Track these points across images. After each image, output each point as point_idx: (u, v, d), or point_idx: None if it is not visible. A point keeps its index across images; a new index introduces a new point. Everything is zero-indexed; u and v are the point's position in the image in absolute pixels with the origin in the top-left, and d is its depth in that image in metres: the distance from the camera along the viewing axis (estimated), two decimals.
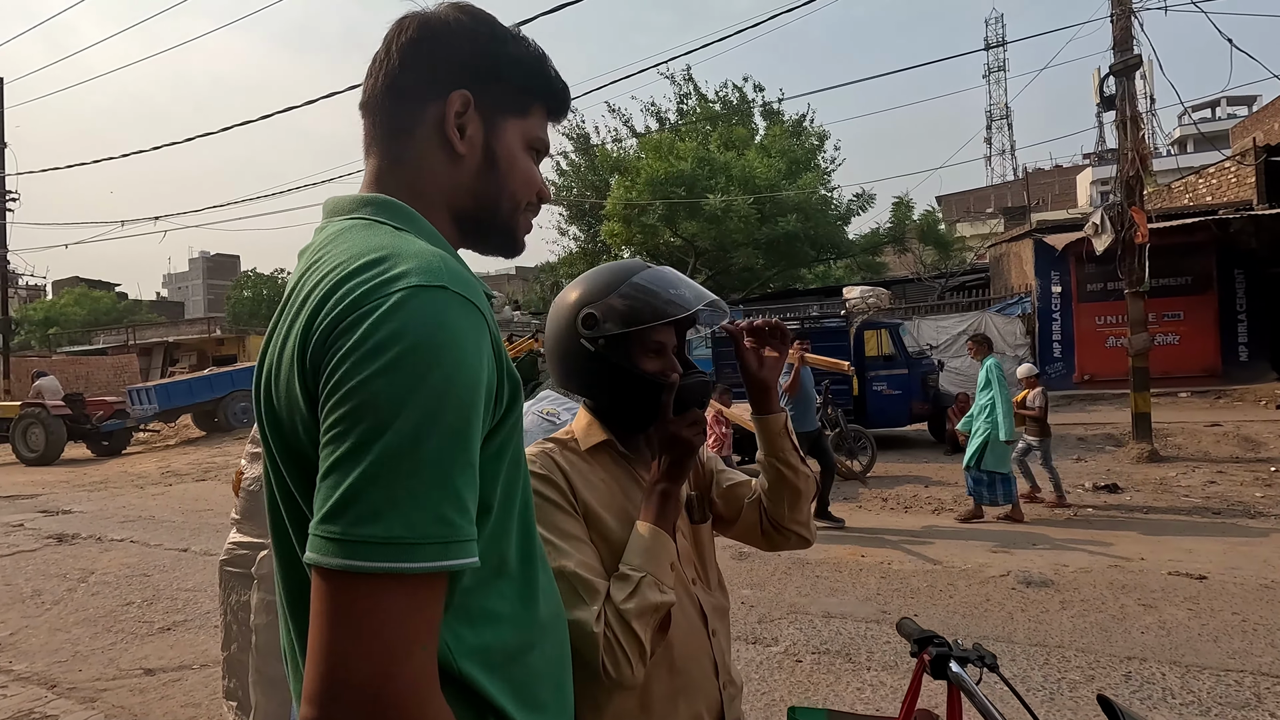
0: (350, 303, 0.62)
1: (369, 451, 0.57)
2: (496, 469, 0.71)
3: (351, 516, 0.57)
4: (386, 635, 0.57)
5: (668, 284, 1.19)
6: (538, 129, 0.85)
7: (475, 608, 0.70)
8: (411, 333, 0.60)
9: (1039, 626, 3.99)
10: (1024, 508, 6.49)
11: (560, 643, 0.82)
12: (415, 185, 0.78)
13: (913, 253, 20.94)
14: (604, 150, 19.66)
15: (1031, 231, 13.76)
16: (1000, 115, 67.25)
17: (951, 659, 1.19)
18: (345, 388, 0.59)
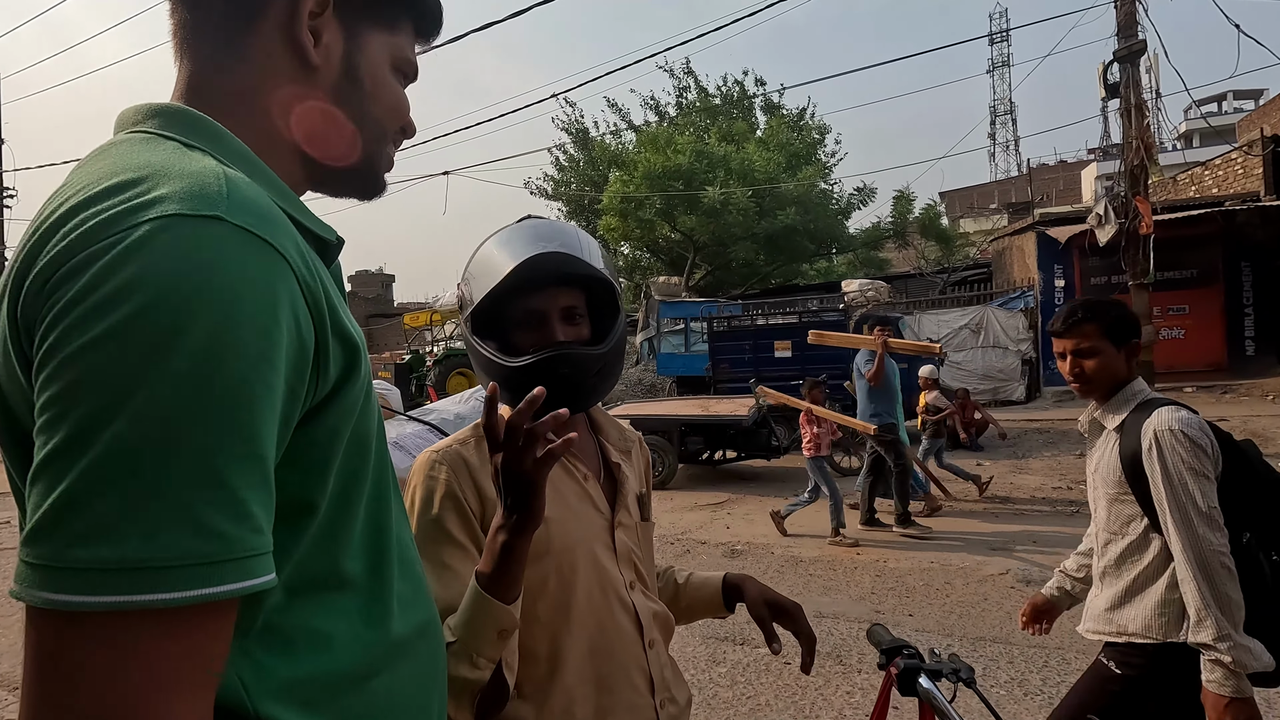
0: (79, 237, 0.46)
1: (92, 444, 0.42)
2: (327, 456, 0.56)
3: (66, 534, 0.41)
4: (120, 694, 0.42)
5: (525, 239, 1.02)
6: (406, 48, 0.71)
7: (293, 629, 0.55)
8: (154, 280, 0.44)
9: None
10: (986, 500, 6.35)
11: (427, 663, 0.67)
12: (247, 102, 0.61)
13: (914, 248, 20.75)
14: (602, 144, 19.52)
15: (1034, 225, 13.57)
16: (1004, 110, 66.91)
17: (922, 672, 1.04)
18: (60, 357, 0.43)
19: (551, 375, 0.99)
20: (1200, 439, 1.63)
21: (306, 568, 0.56)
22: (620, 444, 1.20)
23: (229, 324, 0.46)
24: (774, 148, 17.24)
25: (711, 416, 8.40)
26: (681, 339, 14.19)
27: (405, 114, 0.71)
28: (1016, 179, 48.52)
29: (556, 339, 1.01)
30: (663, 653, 1.12)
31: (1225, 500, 1.63)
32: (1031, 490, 7.10)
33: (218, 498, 0.44)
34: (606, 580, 1.04)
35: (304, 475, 0.54)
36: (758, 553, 5.51)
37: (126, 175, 0.49)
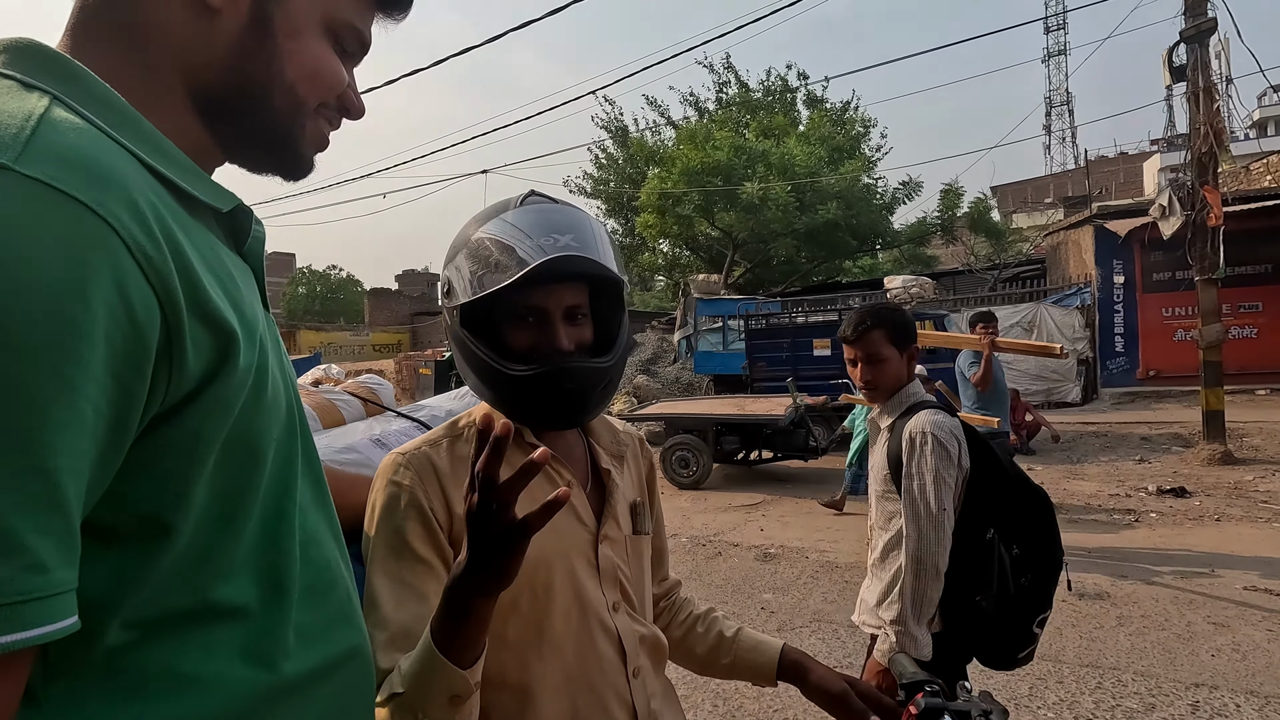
0: None
1: None
2: (187, 466, 0.47)
3: None
4: None
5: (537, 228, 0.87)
6: (348, 11, 0.60)
7: (146, 672, 0.46)
8: None
9: (1091, 645, 3.59)
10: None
11: (331, 705, 0.57)
12: (134, 40, 0.53)
13: (964, 243, 20.05)
14: (640, 141, 19.41)
15: (1091, 218, 12.93)
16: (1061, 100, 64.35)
17: (946, 713, 0.90)
18: None
19: (553, 390, 0.89)
20: (949, 442, 1.75)
21: (166, 599, 0.47)
22: (612, 448, 1.08)
23: (12, 308, 0.37)
24: (815, 141, 16.87)
25: (747, 416, 8.21)
26: (719, 337, 14.00)
27: (332, 85, 0.60)
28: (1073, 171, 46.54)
29: (560, 344, 0.89)
30: (651, 682, 1.00)
31: (974, 498, 1.78)
32: (1086, 497, 6.73)
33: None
34: (586, 601, 0.93)
35: (156, 488, 0.45)
36: (791, 557, 5.34)
37: None
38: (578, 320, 0.93)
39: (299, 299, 44.31)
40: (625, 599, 0.99)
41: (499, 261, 0.86)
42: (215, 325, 0.47)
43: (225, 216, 0.56)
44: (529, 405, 0.91)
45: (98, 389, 0.40)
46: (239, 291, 0.52)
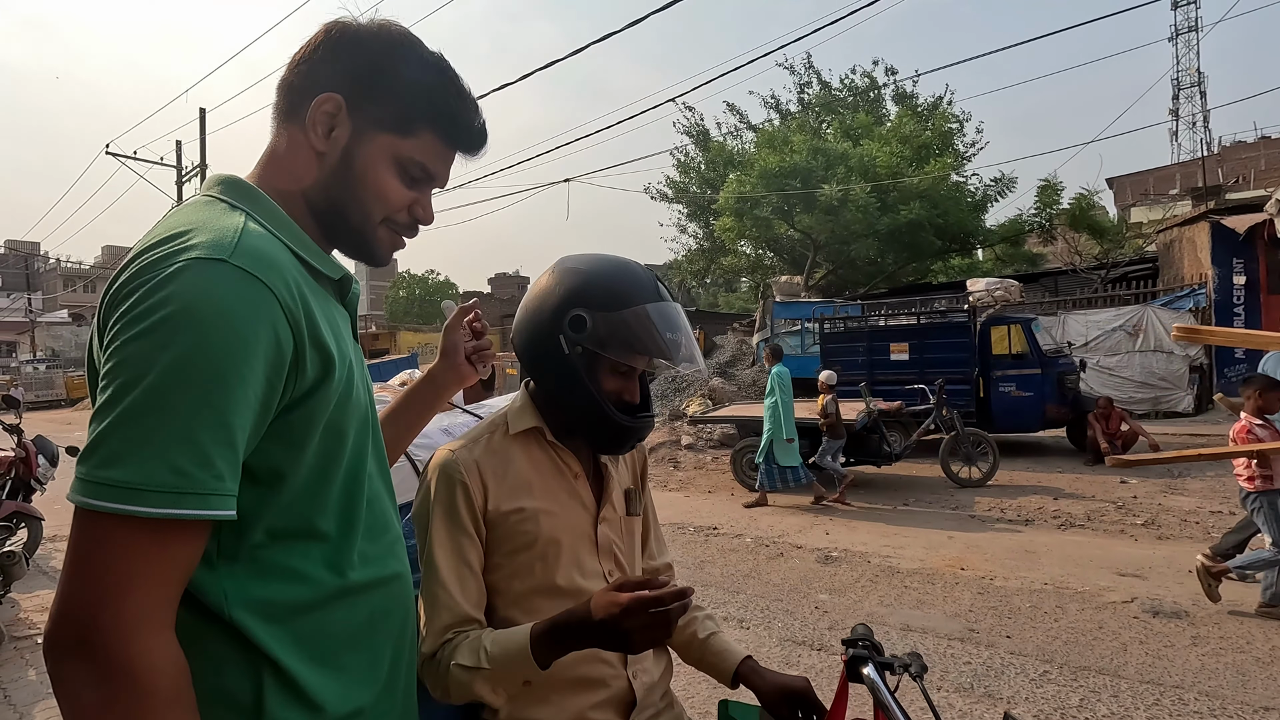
0: (136, 272, 0.69)
1: (119, 404, 0.63)
2: (302, 437, 0.75)
3: (95, 460, 0.63)
4: (107, 572, 0.63)
5: (669, 324, 1.15)
6: (419, 153, 0.86)
7: (270, 563, 0.75)
8: (175, 300, 0.66)
9: (1157, 662, 3.48)
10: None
11: (376, 608, 0.85)
12: (282, 170, 0.84)
13: (1066, 241, 18.80)
14: (718, 145, 19.43)
15: (1207, 214, 11.92)
16: (1191, 82, 58.68)
17: (869, 662, 1.08)
18: (114, 346, 0.66)
19: (634, 435, 1.19)
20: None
21: (285, 520, 0.76)
22: None
23: (217, 331, 0.67)
24: (896, 141, 16.36)
25: (817, 419, 8.19)
26: (798, 339, 13.89)
27: (398, 204, 0.87)
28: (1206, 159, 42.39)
29: (637, 399, 1.18)
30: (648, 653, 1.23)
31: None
32: (1184, 514, 6.33)
33: (190, 450, 0.64)
34: (585, 569, 1.17)
35: (281, 450, 0.74)
36: (853, 560, 5.37)
37: (176, 230, 0.73)
38: (640, 379, 1.21)
39: (400, 302, 46.93)
40: (619, 568, 1.23)
41: (641, 341, 1.13)
42: (323, 351, 0.76)
43: (337, 281, 0.87)
44: (606, 437, 1.19)
45: (257, 385, 0.69)
46: (339, 330, 0.82)
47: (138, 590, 0.64)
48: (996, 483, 7.80)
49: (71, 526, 0.65)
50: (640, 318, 1.12)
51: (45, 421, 18.04)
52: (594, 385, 1.14)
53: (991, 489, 7.63)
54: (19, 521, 5.45)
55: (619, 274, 1.16)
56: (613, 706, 1.15)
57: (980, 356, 9.33)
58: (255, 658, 0.73)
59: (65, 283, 53.22)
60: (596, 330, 1.12)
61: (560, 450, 1.21)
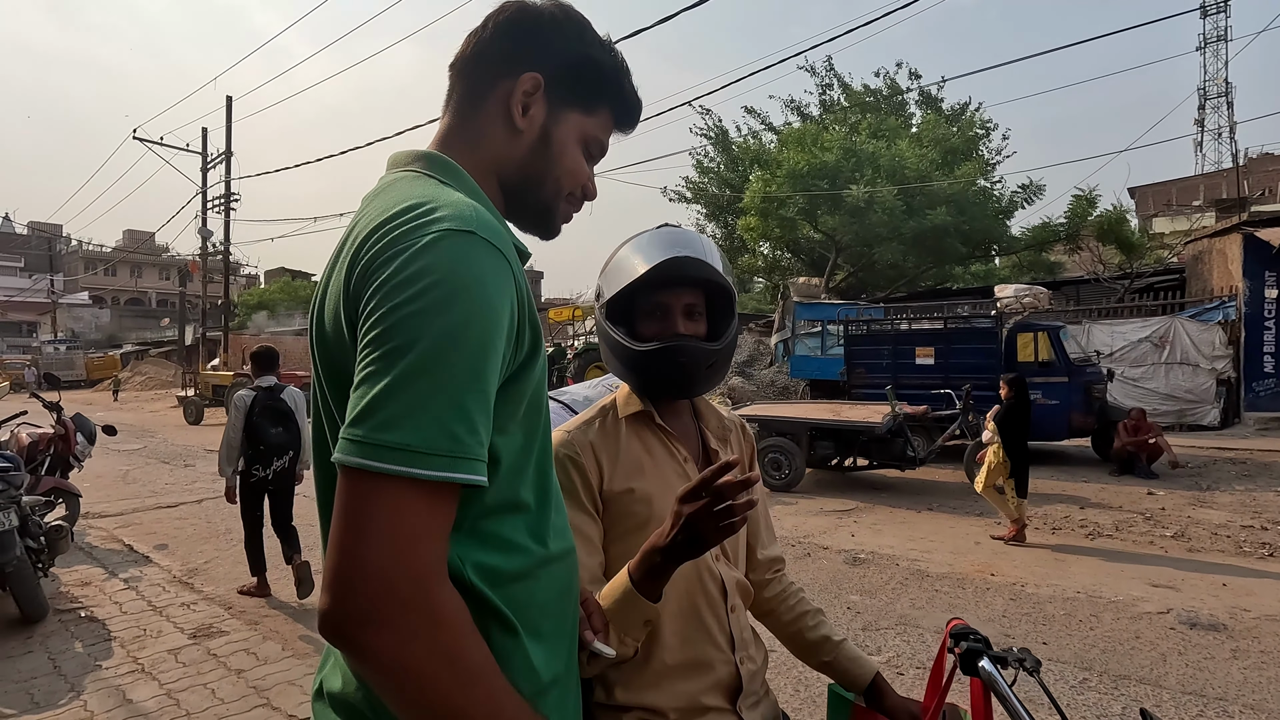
0: (390, 240, 0.69)
1: (393, 369, 0.64)
2: (515, 410, 0.77)
3: (373, 423, 0.63)
4: (398, 530, 0.63)
5: (658, 245, 1.18)
6: (599, 130, 0.91)
7: (488, 533, 0.77)
8: (440, 269, 0.66)
9: (1198, 674, 3.47)
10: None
11: (565, 580, 0.86)
12: (473, 147, 0.86)
13: (1091, 251, 18.64)
14: (744, 144, 19.39)
15: (1240, 225, 11.78)
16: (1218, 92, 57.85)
17: (985, 655, 1.09)
18: (379, 313, 0.66)
19: (670, 362, 1.17)
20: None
21: (499, 491, 0.78)
22: (719, 431, 1.33)
23: (480, 301, 0.68)
24: (927, 143, 16.27)
25: (843, 422, 8.18)
26: (818, 341, 13.85)
27: (583, 179, 0.91)
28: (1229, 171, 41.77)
29: (678, 331, 1.18)
30: (743, 616, 1.25)
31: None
32: (1214, 526, 6.27)
33: (461, 417, 0.65)
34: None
35: (504, 422, 0.76)
36: (881, 563, 5.36)
37: (413, 201, 0.73)
38: (694, 317, 1.22)
39: None
40: (724, 551, 1.25)
41: (633, 267, 1.17)
42: (533, 327, 0.77)
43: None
44: (650, 376, 1.20)
45: (499, 356, 0.70)
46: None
47: (424, 547, 0.64)
48: None
49: (341, 492, 0.64)
50: (621, 254, 1.19)
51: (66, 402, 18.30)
52: (620, 333, 1.19)
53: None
54: (58, 497, 5.56)
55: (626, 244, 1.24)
56: (721, 691, 1.16)
57: (1006, 363, 9.27)
58: (484, 623, 0.74)
59: (86, 265, 53.86)
60: (606, 284, 1.20)
61: (669, 434, 1.23)
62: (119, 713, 3.13)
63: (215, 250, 23.89)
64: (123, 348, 40.56)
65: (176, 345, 31.01)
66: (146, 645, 3.86)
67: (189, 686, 3.36)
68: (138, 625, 4.16)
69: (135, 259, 54.45)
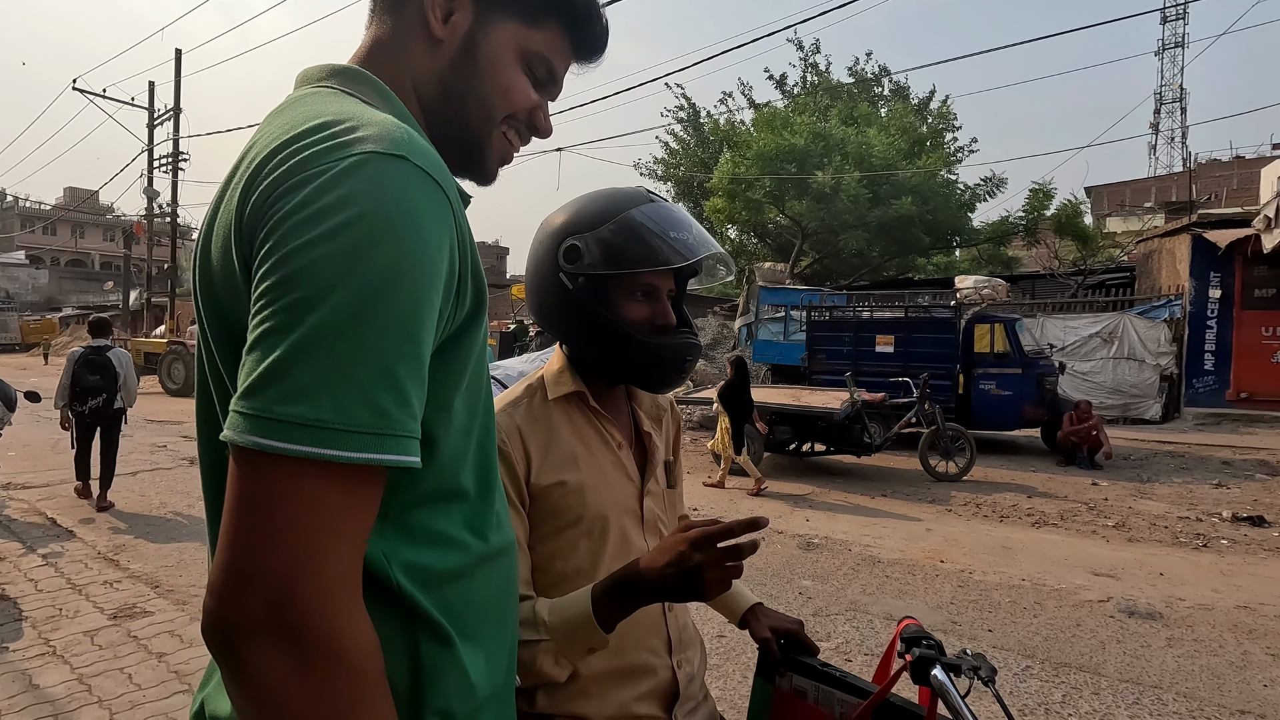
0: (296, 163, 0.55)
1: (301, 324, 0.50)
2: (456, 380, 0.64)
3: (275, 393, 0.50)
4: (305, 527, 0.50)
5: (669, 223, 1.04)
6: (544, 47, 0.75)
7: (419, 526, 0.63)
8: (362, 200, 0.52)
9: (1135, 661, 3.53)
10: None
11: (505, 578, 0.74)
12: (391, 63, 0.72)
13: (1047, 246, 19.08)
14: (715, 123, 19.24)
15: (1190, 226, 12.14)
16: (1173, 97, 59.64)
17: (937, 664, 1.01)
18: (280, 254, 0.52)
19: (679, 360, 1.07)
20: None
21: (435, 476, 0.64)
22: (652, 411, 1.22)
23: (415, 245, 0.54)
24: (895, 132, 16.36)
25: (802, 407, 8.20)
26: (780, 326, 13.90)
27: (520, 101, 0.75)
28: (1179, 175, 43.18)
29: (671, 320, 1.07)
30: (681, 615, 1.14)
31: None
32: (1153, 517, 6.47)
33: (388, 384, 0.52)
34: (631, 548, 1.08)
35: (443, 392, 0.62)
36: (834, 548, 5.38)
37: (326, 118, 0.58)
38: (672, 300, 1.11)
39: None
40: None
41: (639, 247, 1.02)
42: (477, 280, 0.63)
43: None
44: (647, 368, 1.07)
45: (435, 313, 0.57)
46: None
47: (336, 552, 0.51)
48: (972, 478, 7.90)
49: (234, 476, 0.52)
50: (632, 223, 1.03)
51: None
52: (612, 312, 1.05)
53: (967, 484, 7.72)
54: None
55: (601, 193, 1.09)
56: (656, 699, 1.07)
57: (963, 353, 9.41)
58: (412, 633, 0.62)
59: (23, 223, 51.01)
60: (591, 252, 1.03)
61: (603, 418, 1.12)
62: (22, 699, 2.91)
63: (162, 212, 22.82)
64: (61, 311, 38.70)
65: (120, 310, 29.70)
66: (61, 626, 3.63)
67: (103, 671, 3.16)
68: (54, 605, 3.91)
69: (76, 218, 51.76)
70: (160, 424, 11.44)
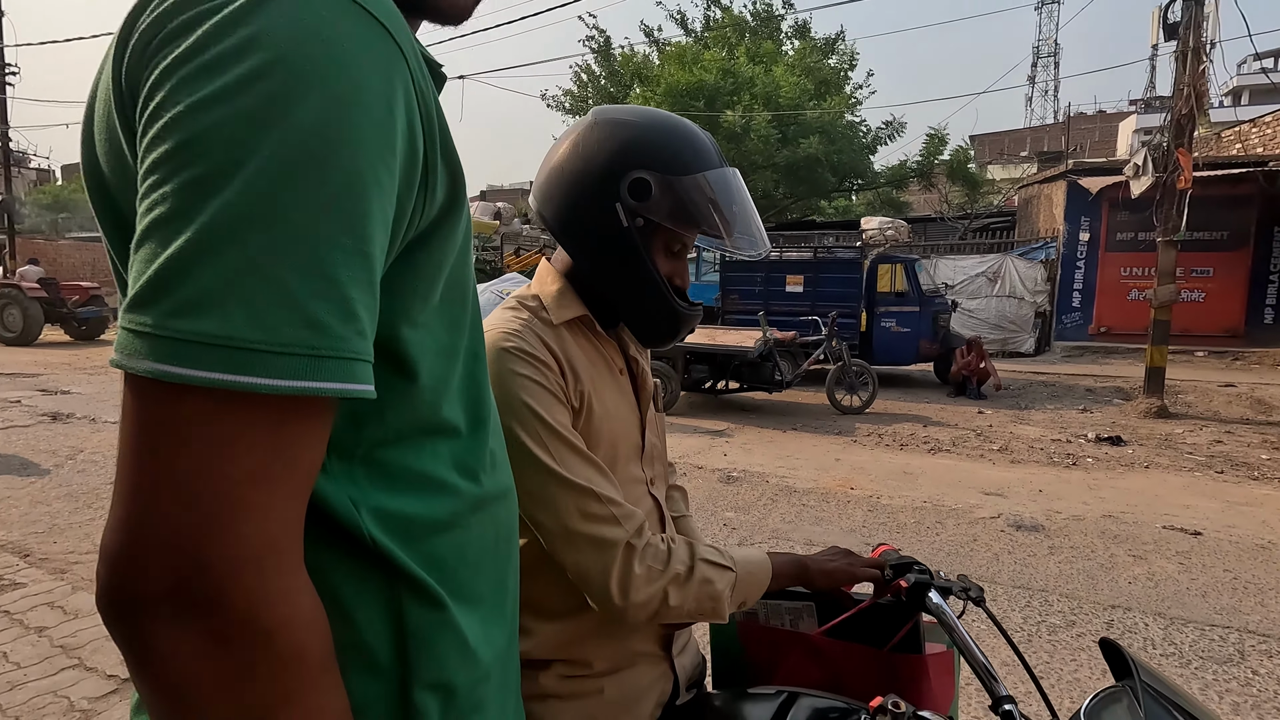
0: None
1: (201, 211, 0.38)
2: (428, 289, 0.51)
3: (170, 304, 0.38)
4: (221, 476, 0.39)
5: (733, 195, 0.98)
6: None
7: (396, 467, 0.51)
8: (271, 42, 0.39)
9: (1024, 569, 3.91)
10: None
11: (503, 529, 0.63)
12: None
13: (939, 190, 20.13)
14: (626, 56, 18.63)
15: (1066, 173, 13.10)
16: (1049, 52, 63.42)
17: (931, 589, 1.02)
18: (169, 115, 0.39)
19: (688, 326, 1.04)
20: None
21: (410, 407, 0.52)
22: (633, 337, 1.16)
23: (349, 103, 0.40)
24: (801, 71, 16.46)
25: (717, 346, 8.35)
26: (693, 268, 14.00)
27: None
28: (1051, 126, 46.48)
29: (687, 282, 1.03)
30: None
31: None
32: (1030, 440, 7.13)
33: (324, 290, 0.40)
34: (633, 479, 1.03)
35: (402, 308, 0.49)
36: (753, 480, 5.58)
37: None
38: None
39: None
40: (659, 475, 1.11)
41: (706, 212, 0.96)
42: (452, 167, 0.50)
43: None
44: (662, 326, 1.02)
45: (390, 196, 0.43)
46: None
47: (263, 505, 0.40)
48: (874, 411, 8.39)
49: (127, 411, 0.40)
50: (706, 185, 0.95)
51: None
52: (653, 263, 0.97)
53: (869, 416, 8.20)
54: None
55: (680, 132, 0.97)
56: (655, 637, 1.06)
57: (866, 292, 9.83)
58: (394, 594, 0.51)
59: None
60: (661, 199, 0.93)
61: (606, 343, 1.04)
62: None
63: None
64: None
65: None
66: None
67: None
68: None
69: None
70: (13, 376, 10.18)
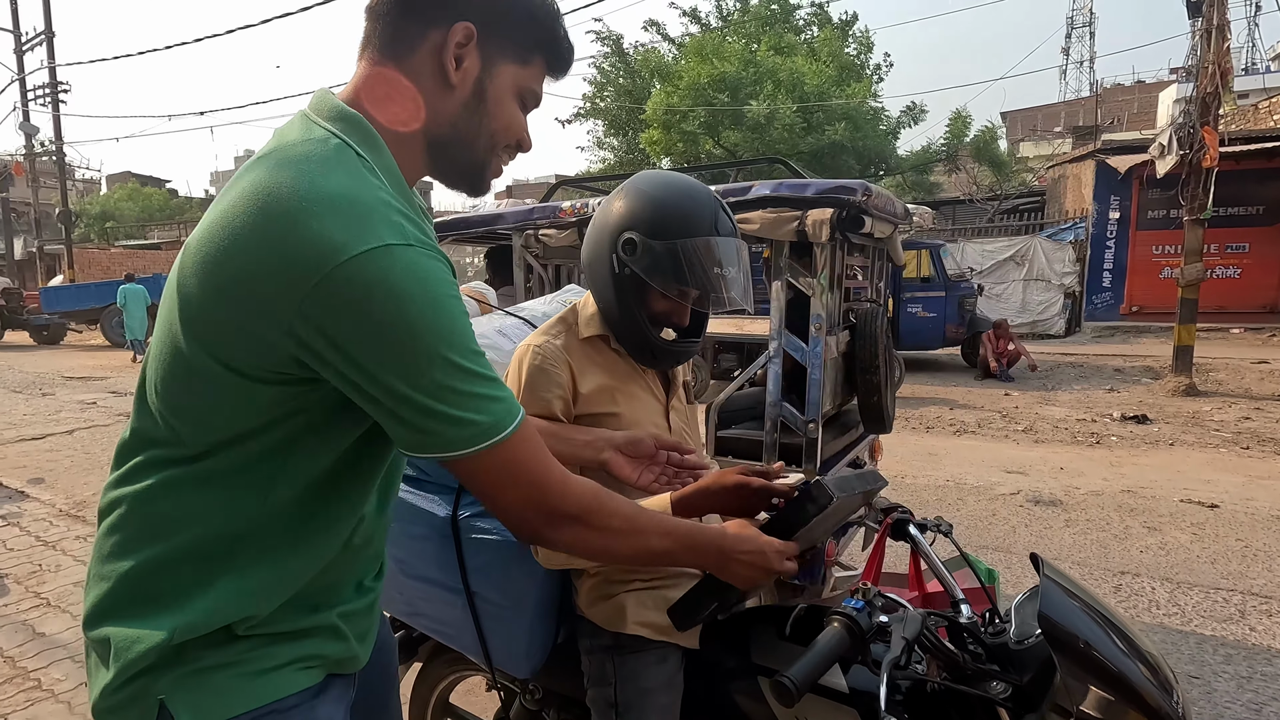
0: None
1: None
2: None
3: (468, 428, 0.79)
4: (530, 466, 0.81)
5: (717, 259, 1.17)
6: (533, 81, 0.86)
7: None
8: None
9: (1039, 540, 4.14)
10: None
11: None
12: (400, 109, 0.80)
13: (966, 172, 19.90)
14: (643, 55, 18.72)
15: (1094, 152, 12.98)
16: (1083, 22, 61.43)
17: (910, 523, 1.34)
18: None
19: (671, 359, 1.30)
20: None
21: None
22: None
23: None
24: (824, 58, 16.43)
25: (744, 335, 8.55)
26: None
27: (518, 132, 0.87)
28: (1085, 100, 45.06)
29: (683, 323, 1.27)
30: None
31: None
32: (1055, 421, 7.27)
33: (496, 386, 0.78)
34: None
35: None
36: None
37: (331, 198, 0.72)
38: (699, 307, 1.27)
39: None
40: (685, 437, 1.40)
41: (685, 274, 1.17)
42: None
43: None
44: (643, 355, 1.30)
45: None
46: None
47: (552, 464, 0.83)
48: (900, 395, 8.57)
49: (476, 471, 0.79)
50: (689, 250, 1.17)
51: None
52: (638, 306, 1.24)
53: (897, 400, 8.38)
54: None
55: (680, 201, 1.20)
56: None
57: (892, 278, 9.97)
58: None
59: None
60: (644, 256, 1.19)
61: (623, 354, 1.34)
62: (31, 646, 3.01)
63: (45, 150, 20.77)
64: None
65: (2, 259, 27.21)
66: (46, 580, 3.67)
67: None
68: (30, 561, 3.92)
69: None
70: (85, 380, 10.90)
